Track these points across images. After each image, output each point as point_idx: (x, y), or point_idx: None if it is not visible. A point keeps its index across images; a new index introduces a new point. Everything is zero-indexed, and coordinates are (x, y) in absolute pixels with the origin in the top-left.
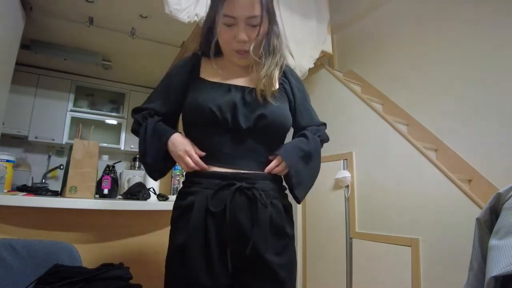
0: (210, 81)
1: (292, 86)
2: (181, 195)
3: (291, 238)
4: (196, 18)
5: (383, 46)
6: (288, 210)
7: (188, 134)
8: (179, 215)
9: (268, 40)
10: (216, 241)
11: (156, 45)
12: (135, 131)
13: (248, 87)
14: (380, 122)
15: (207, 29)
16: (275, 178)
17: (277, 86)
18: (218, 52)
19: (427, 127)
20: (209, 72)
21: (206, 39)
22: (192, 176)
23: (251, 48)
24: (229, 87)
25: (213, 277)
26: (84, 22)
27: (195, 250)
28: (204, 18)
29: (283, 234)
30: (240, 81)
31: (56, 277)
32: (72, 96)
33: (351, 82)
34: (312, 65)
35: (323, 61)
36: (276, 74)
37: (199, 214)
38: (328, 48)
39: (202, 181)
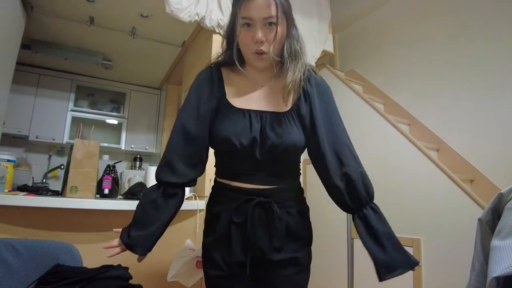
0: (233, 107)
1: (312, 101)
2: (212, 202)
3: (306, 238)
4: (196, 18)
5: (385, 46)
6: (303, 214)
7: (215, 153)
8: (210, 219)
9: (289, 44)
10: (238, 245)
11: (157, 45)
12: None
13: (266, 113)
14: (381, 121)
15: (229, 36)
16: (290, 187)
17: (296, 95)
18: (240, 63)
19: (428, 127)
20: (232, 89)
21: (229, 47)
22: (221, 188)
23: (271, 49)
24: (250, 116)
25: (231, 269)
26: (84, 22)
27: (219, 250)
28: (226, 26)
29: (299, 237)
30: (260, 102)
31: (57, 277)
32: (72, 96)
33: (353, 82)
34: (313, 65)
35: (324, 61)
36: (301, 81)
37: (225, 222)
38: (330, 48)
39: (228, 194)
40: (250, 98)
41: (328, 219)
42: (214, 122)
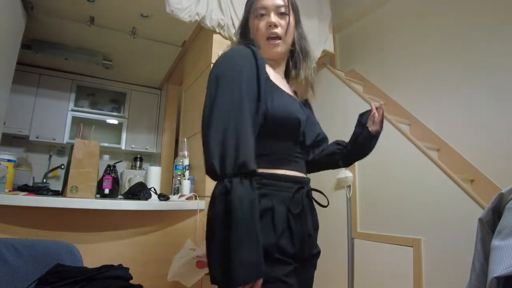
0: (282, 89)
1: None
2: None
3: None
4: (197, 18)
5: (385, 45)
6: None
7: (258, 136)
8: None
9: (299, 42)
10: (297, 240)
11: (157, 45)
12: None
13: (299, 102)
14: None
15: (242, 31)
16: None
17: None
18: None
19: (429, 127)
20: (271, 74)
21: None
22: (260, 177)
23: (284, 34)
24: (294, 99)
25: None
26: (85, 22)
27: (279, 254)
28: (239, 24)
29: (316, 232)
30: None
31: (57, 276)
32: (73, 96)
33: (353, 82)
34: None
35: (325, 61)
36: (313, 78)
37: (282, 216)
38: (330, 48)
39: (273, 183)
40: (283, 86)
41: (328, 219)
42: (265, 100)
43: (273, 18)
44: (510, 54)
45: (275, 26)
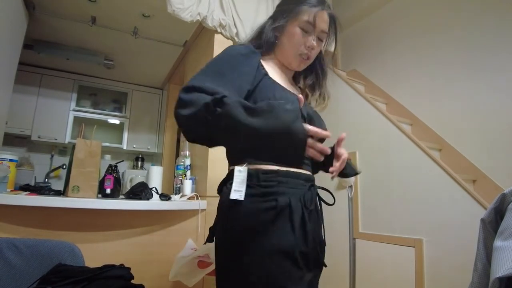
0: (281, 85)
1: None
2: (266, 195)
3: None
4: (198, 17)
5: (387, 45)
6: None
7: None
8: (275, 217)
9: (320, 62)
10: (311, 240)
11: (159, 45)
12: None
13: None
14: (383, 121)
15: (277, 27)
16: None
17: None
18: (269, 52)
19: (431, 127)
20: (271, 71)
21: (270, 35)
22: (275, 174)
23: (312, 57)
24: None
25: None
26: (86, 22)
27: (303, 250)
28: (276, 15)
29: (322, 232)
30: (292, 90)
31: (59, 276)
32: (74, 96)
33: (355, 81)
34: None
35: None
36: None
37: (298, 213)
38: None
39: (289, 180)
40: (285, 84)
41: (330, 219)
42: (262, 92)
43: (314, 41)
44: None
45: (312, 49)
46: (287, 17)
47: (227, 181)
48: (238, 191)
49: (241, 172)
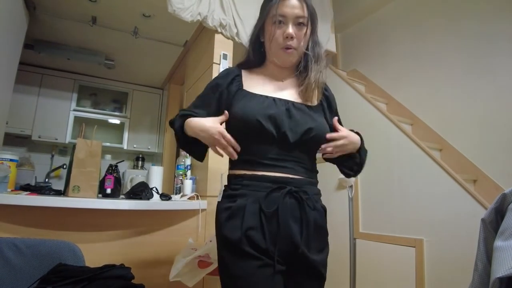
0: (254, 93)
1: (330, 101)
2: (230, 197)
3: (327, 241)
4: (199, 17)
5: (387, 45)
6: (326, 213)
7: (238, 140)
8: (229, 216)
9: (313, 48)
10: (269, 239)
11: (159, 45)
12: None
13: (292, 101)
14: (384, 121)
15: (256, 35)
16: (315, 181)
17: (321, 95)
18: (260, 64)
19: (431, 127)
20: (252, 86)
21: (254, 47)
22: (241, 179)
23: (301, 45)
24: (274, 100)
25: (266, 270)
26: (87, 22)
27: (249, 247)
28: (253, 27)
29: (324, 234)
30: (283, 95)
31: (59, 276)
32: (75, 96)
33: (355, 81)
34: None
35: (327, 60)
36: (323, 81)
37: (253, 215)
38: (332, 47)
39: (252, 183)
40: (270, 89)
41: (330, 219)
42: (232, 106)
43: (291, 29)
44: None
45: (292, 38)
46: (262, 19)
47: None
48: (220, 194)
49: (222, 177)
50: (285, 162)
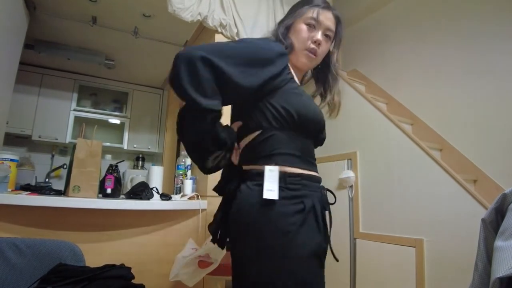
0: (303, 90)
1: None
2: (294, 198)
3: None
4: (199, 17)
5: (388, 45)
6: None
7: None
8: (303, 219)
9: (334, 66)
10: (324, 239)
11: (159, 44)
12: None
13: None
14: (384, 121)
15: (285, 28)
16: None
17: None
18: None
19: (431, 127)
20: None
21: (282, 31)
22: (300, 178)
23: (319, 55)
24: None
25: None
26: (87, 22)
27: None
28: (283, 19)
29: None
30: None
31: (60, 276)
32: (75, 96)
33: (355, 81)
34: None
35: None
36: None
37: (319, 215)
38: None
39: (308, 183)
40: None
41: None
42: (286, 95)
43: (320, 36)
44: None
45: (319, 45)
46: (294, 18)
47: (243, 180)
48: (271, 191)
49: (272, 172)
50: (315, 161)
